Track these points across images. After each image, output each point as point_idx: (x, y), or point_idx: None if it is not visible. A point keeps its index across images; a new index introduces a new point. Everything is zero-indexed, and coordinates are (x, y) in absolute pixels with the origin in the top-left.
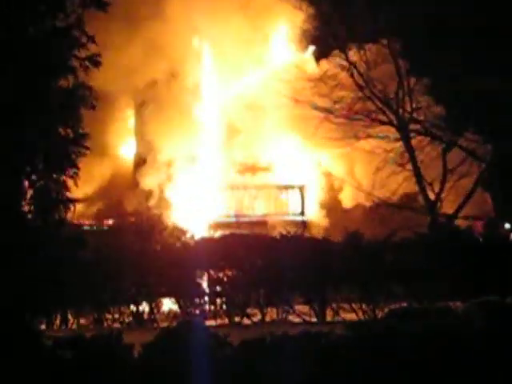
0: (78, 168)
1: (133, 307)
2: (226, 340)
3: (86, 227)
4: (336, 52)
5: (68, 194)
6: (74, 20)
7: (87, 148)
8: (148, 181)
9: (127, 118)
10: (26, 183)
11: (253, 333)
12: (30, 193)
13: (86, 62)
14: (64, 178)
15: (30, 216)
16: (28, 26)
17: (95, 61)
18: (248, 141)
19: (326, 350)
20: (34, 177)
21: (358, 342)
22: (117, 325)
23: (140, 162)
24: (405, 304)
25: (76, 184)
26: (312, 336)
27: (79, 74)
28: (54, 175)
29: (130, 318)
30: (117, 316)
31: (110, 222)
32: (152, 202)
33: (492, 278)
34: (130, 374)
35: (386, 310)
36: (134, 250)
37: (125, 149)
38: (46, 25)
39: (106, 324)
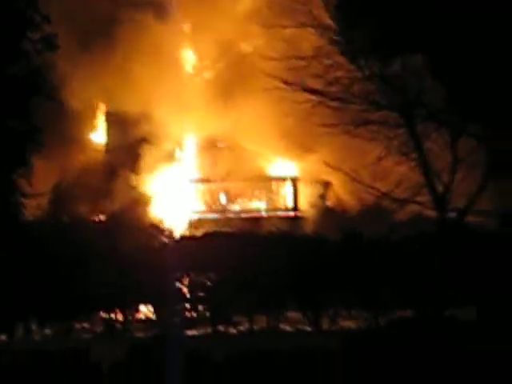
0: (30, 166)
1: (104, 315)
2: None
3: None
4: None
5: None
6: None
7: (41, 144)
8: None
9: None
10: None
11: (238, 345)
12: None
13: (40, 45)
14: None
15: None
16: None
17: (51, 43)
18: (232, 126)
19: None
20: None
21: (356, 359)
22: (87, 335)
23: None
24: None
25: (30, 184)
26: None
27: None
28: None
29: (101, 328)
30: (86, 325)
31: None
32: (124, 196)
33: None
34: None
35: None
36: (104, 250)
37: (95, 136)
38: None
39: (74, 335)
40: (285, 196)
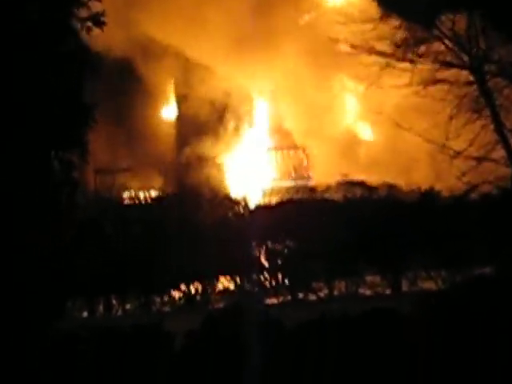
0: (86, 145)
1: (183, 288)
2: (279, 323)
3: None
4: None
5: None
6: None
7: (95, 121)
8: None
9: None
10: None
11: (316, 312)
12: None
13: (88, 23)
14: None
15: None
16: None
17: (99, 21)
18: (302, 94)
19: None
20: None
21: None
22: (166, 308)
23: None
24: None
25: (87, 162)
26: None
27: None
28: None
29: (181, 301)
30: (166, 299)
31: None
32: (198, 169)
33: None
34: (169, 368)
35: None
36: (180, 223)
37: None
38: None
39: (154, 308)
40: None
